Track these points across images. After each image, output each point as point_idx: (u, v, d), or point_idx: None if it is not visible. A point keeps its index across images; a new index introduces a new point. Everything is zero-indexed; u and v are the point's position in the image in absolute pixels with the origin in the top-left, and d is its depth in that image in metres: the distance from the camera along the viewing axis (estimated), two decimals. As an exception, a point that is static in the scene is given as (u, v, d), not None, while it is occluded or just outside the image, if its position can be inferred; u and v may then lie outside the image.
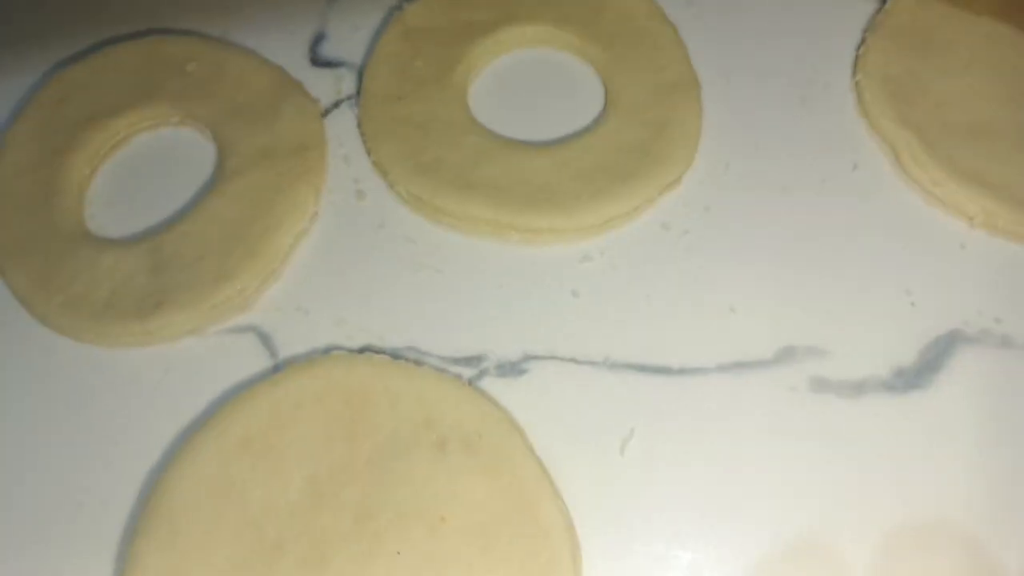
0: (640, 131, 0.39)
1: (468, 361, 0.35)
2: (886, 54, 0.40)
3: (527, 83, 0.42)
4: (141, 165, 0.41)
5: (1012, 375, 0.34)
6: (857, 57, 0.41)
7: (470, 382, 0.35)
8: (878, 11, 0.42)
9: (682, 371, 0.35)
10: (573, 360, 0.35)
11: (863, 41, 0.41)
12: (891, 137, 0.38)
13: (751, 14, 0.43)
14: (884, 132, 0.39)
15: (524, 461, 0.32)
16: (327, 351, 0.36)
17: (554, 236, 0.37)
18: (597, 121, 0.40)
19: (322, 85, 0.43)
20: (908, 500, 0.32)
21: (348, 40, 0.44)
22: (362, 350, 0.36)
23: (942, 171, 0.37)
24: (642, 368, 0.35)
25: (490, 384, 0.35)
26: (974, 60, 0.40)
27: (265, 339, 0.36)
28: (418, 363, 0.35)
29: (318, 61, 0.43)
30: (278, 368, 0.35)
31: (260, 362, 0.36)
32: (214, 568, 0.31)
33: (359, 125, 0.41)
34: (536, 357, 0.35)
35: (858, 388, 0.34)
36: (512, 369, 0.35)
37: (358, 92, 0.42)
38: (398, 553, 0.31)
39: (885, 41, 0.40)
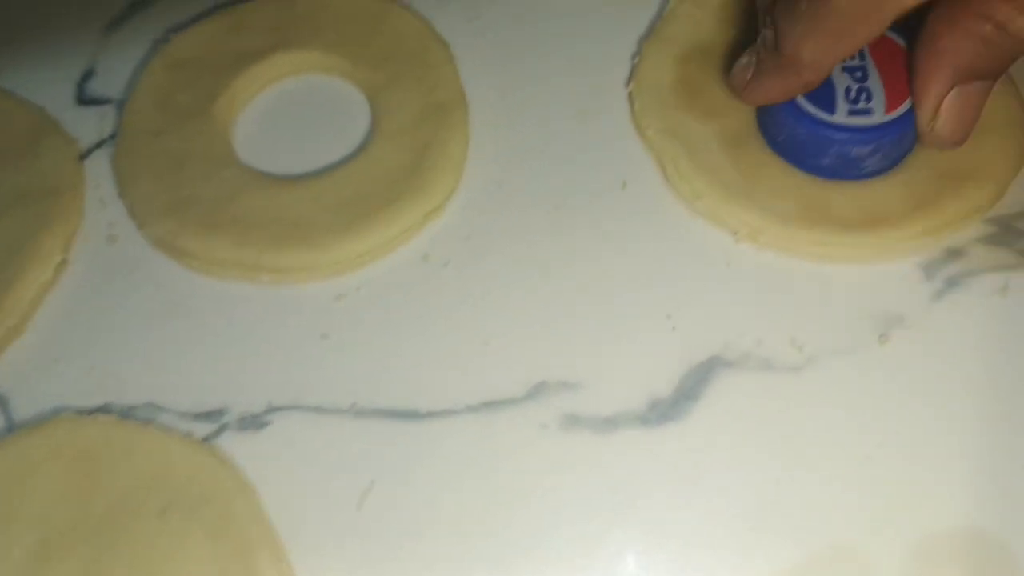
0: (403, 156, 0.37)
1: (208, 416, 0.34)
2: (659, 63, 0.38)
3: (296, 113, 0.41)
4: None
5: (771, 398, 0.33)
6: (632, 67, 0.39)
7: (207, 439, 0.33)
8: (656, 19, 0.40)
9: (430, 415, 0.33)
10: (318, 409, 0.34)
11: (639, 51, 0.40)
12: (657, 148, 0.37)
13: (531, 28, 0.42)
14: (651, 143, 0.37)
15: (249, 523, 0.31)
16: (59, 412, 0.34)
17: (306, 275, 0.36)
18: (361, 149, 0.39)
19: (87, 124, 0.41)
20: (665, 534, 0.31)
21: (116, 76, 0.42)
22: (99, 409, 0.34)
23: (704, 183, 0.35)
24: (389, 414, 0.34)
25: (230, 439, 0.33)
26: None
27: (2, 402, 0.35)
28: (151, 421, 0.33)
29: (84, 99, 0.42)
30: (11, 431, 0.34)
31: (-4, 430, 0.34)
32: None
33: (113, 165, 0.39)
34: (280, 408, 0.34)
35: (610, 423, 0.33)
36: (254, 422, 0.34)
37: (120, 130, 0.40)
38: (115, 626, 0.30)
39: (659, 50, 0.39)
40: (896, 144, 0.34)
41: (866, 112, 0.33)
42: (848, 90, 0.33)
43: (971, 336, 0.34)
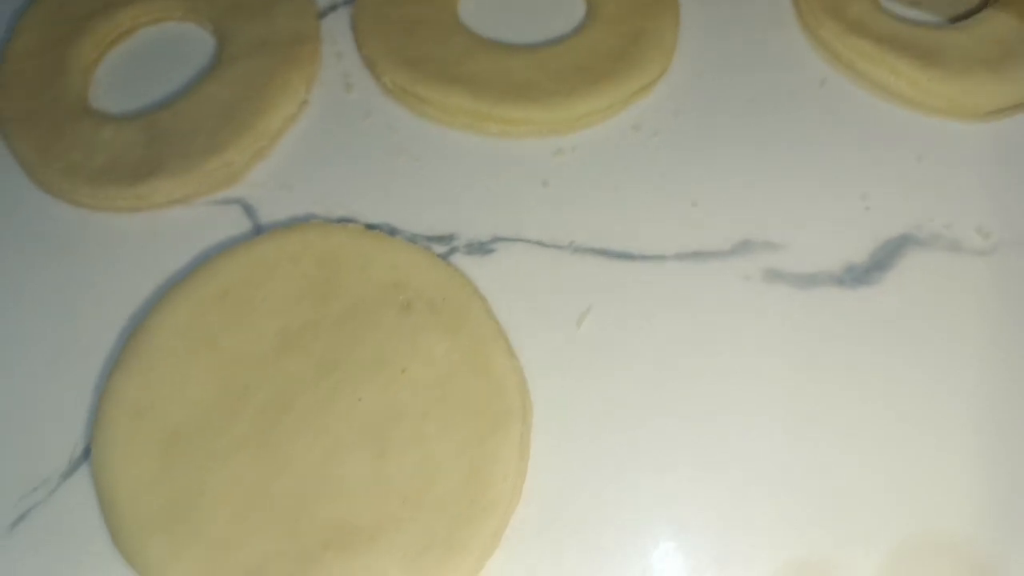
0: (618, 39, 0.41)
1: (440, 239, 0.37)
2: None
3: (516, -7, 0.44)
4: (145, 53, 0.43)
5: (958, 275, 0.36)
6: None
7: (440, 257, 0.37)
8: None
9: (642, 257, 0.37)
10: (539, 243, 0.37)
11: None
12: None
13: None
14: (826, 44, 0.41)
15: (483, 323, 0.34)
16: (306, 219, 0.37)
17: (529, 129, 0.39)
18: (579, 29, 0.42)
19: (322, -11, 0.45)
20: (845, 391, 0.34)
21: (350, -51, 0.46)
22: (339, 221, 0.37)
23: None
24: (604, 252, 0.37)
25: (459, 260, 0.37)
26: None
27: (249, 210, 0.38)
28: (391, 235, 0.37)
29: (320, -33, 0.46)
30: (259, 234, 0.37)
31: (243, 230, 0.38)
32: (184, 405, 0.33)
33: (353, 24, 0.43)
34: (504, 239, 0.37)
35: (809, 280, 0.36)
36: (481, 248, 0.37)
37: (356, -4, 0.44)
38: (360, 400, 0.33)
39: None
40: None
41: None
42: None
43: None
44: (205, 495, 0.32)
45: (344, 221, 0.38)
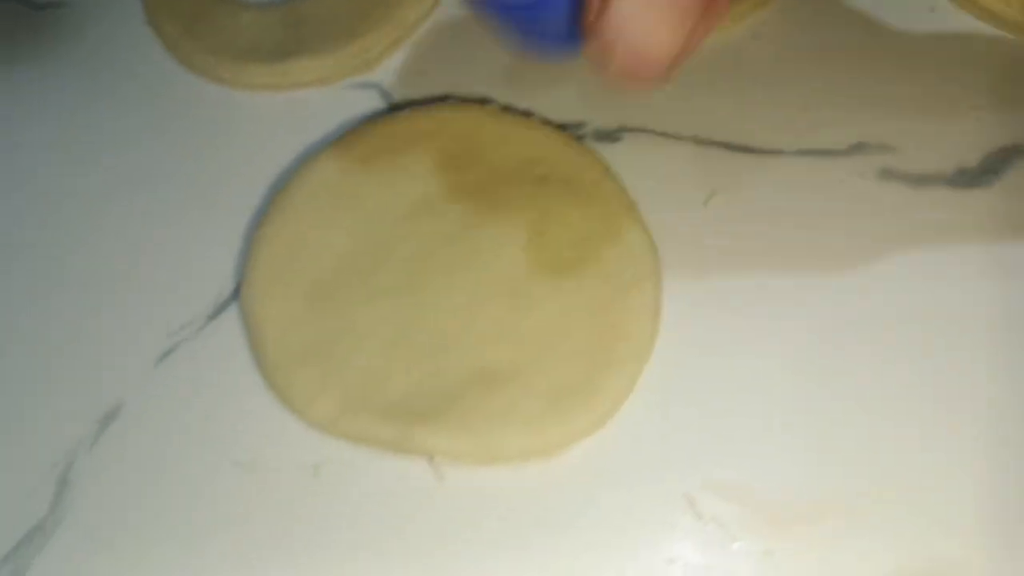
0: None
1: (568, 126, 0.39)
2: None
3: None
4: (281, -46, 0.46)
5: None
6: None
7: (570, 140, 0.38)
8: None
9: (763, 151, 0.38)
10: (664, 134, 0.39)
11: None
12: None
13: None
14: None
15: (616, 195, 0.36)
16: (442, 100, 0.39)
17: (653, 33, 0.41)
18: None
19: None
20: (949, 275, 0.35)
21: None
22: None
23: None
24: (727, 145, 0.38)
25: (588, 144, 0.38)
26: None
27: (385, 94, 0.40)
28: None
29: None
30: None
31: (379, 109, 0.40)
32: (329, 254, 0.35)
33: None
34: (630, 129, 0.39)
35: (922, 179, 0.37)
36: (608, 136, 0.39)
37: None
38: (498, 256, 0.35)
39: None
40: None
41: None
42: None
43: None
44: (350, 334, 0.33)
45: (483, 99, 0.39)
